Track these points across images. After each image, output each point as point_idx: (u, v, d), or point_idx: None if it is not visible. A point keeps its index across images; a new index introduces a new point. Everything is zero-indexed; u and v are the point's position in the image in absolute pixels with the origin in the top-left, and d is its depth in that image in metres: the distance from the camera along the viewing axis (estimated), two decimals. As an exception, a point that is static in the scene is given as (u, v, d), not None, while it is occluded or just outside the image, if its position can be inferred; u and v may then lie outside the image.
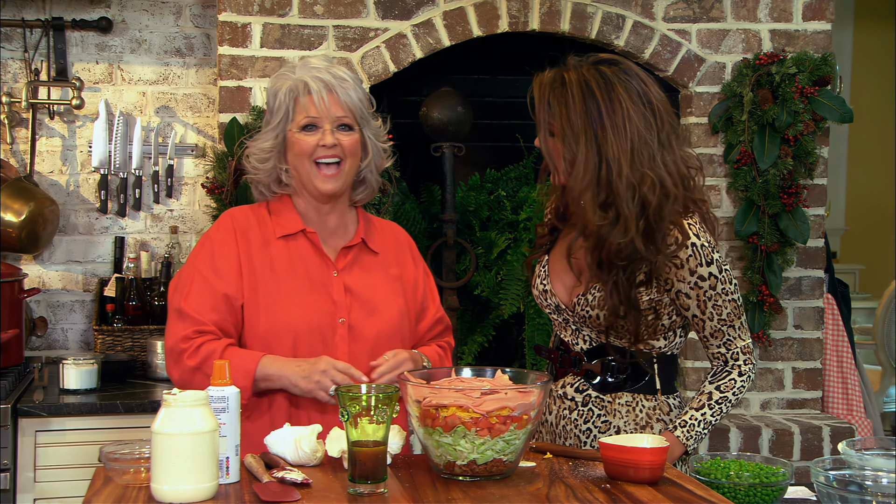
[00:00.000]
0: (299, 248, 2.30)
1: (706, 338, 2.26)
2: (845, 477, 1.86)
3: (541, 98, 2.23)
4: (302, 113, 2.27)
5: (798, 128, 3.47)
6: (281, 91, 2.28)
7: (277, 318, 2.23)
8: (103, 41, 3.71)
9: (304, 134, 2.27)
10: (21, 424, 3.03)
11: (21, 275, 3.45)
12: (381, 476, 1.79)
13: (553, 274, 2.33)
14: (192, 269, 2.27)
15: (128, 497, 1.77)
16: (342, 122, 2.27)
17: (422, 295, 2.41)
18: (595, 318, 2.24)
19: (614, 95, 2.15)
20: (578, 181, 2.16)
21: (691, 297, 2.21)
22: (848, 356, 3.80)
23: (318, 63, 2.31)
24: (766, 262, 3.53)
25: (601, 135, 2.14)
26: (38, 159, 3.67)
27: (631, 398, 2.27)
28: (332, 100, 2.26)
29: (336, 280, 2.29)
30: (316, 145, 2.25)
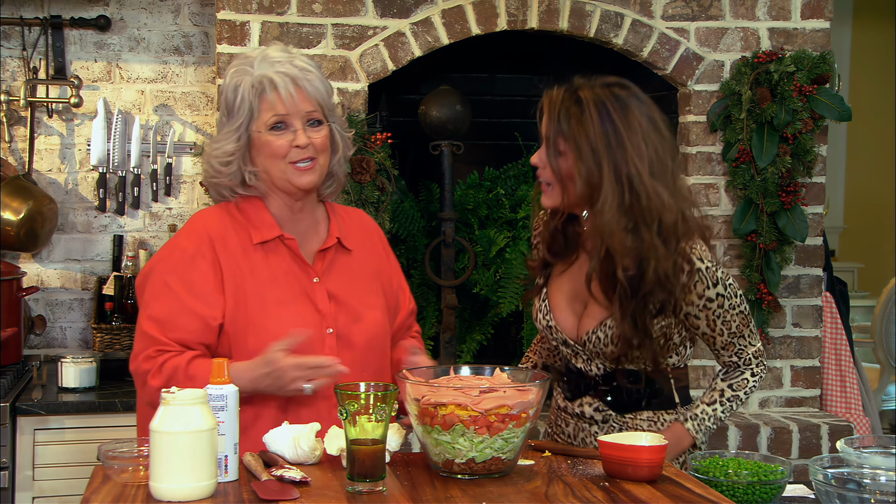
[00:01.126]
0: (277, 254, 2.18)
1: (718, 350, 2.27)
2: (844, 475, 1.87)
3: (551, 115, 2.14)
4: (269, 111, 2.13)
5: (797, 126, 3.47)
6: (242, 87, 2.13)
7: (267, 334, 2.10)
8: (102, 39, 3.71)
9: (274, 134, 2.13)
10: (20, 423, 3.03)
11: (19, 273, 3.45)
12: (379, 474, 1.79)
13: (555, 309, 2.28)
14: (160, 284, 2.11)
15: (126, 495, 1.77)
16: (311, 118, 2.15)
17: (396, 287, 2.35)
18: (611, 353, 2.21)
19: (631, 117, 2.12)
20: (607, 206, 2.09)
21: (700, 318, 2.21)
22: (846, 354, 3.80)
23: (278, 55, 2.15)
24: (764, 261, 3.53)
25: (620, 157, 2.09)
26: (37, 157, 3.67)
27: (652, 414, 2.29)
28: (299, 94, 2.13)
29: (318, 287, 2.18)
30: (289, 146, 2.14)
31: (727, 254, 3.59)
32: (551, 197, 2.19)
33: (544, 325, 2.30)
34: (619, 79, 2.18)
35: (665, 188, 2.11)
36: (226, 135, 2.17)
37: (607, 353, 2.21)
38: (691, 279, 2.15)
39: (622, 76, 3.64)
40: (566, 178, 2.14)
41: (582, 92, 2.13)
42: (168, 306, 2.09)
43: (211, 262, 2.12)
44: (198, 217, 2.22)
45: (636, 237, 2.09)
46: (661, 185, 2.10)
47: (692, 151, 3.58)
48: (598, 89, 2.14)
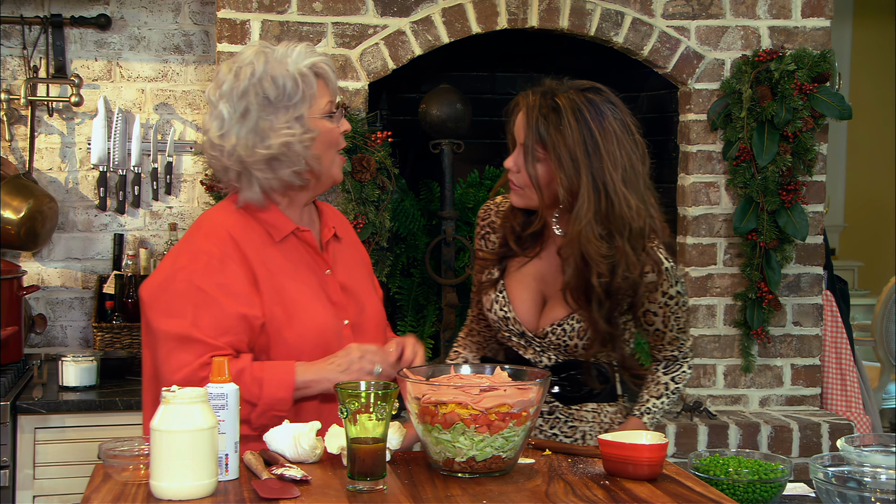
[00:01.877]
0: (293, 248, 2.17)
1: (663, 345, 2.36)
2: (844, 473, 1.87)
3: (529, 122, 2.16)
4: (324, 97, 2.12)
5: (797, 124, 3.47)
6: (297, 74, 2.07)
7: (304, 328, 2.11)
8: (102, 38, 3.71)
9: (330, 121, 2.13)
10: (20, 421, 3.03)
11: (20, 272, 3.45)
12: (380, 473, 1.79)
13: (515, 301, 2.30)
14: (193, 290, 2.04)
15: (127, 494, 1.77)
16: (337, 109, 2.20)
17: (372, 273, 2.40)
18: (573, 346, 2.26)
19: (606, 124, 2.15)
20: (583, 214, 2.12)
21: (658, 315, 2.30)
22: (847, 353, 3.80)
23: (300, 47, 2.12)
24: (764, 259, 3.53)
25: (597, 165, 2.12)
26: (37, 156, 3.67)
27: (596, 406, 2.35)
28: (335, 84, 2.17)
29: (330, 278, 2.20)
30: (339, 134, 2.16)
31: (727, 252, 3.59)
32: (524, 198, 2.22)
33: (500, 316, 2.30)
34: (591, 83, 2.21)
35: (635, 194, 2.16)
36: (286, 123, 2.07)
37: (569, 347, 2.26)
38: (660, 278, 2.23)
39: (622, 74, 3.65)
40: (543, 183, 2.16)
41: (559, 98, 2.15)
42: (212, 311, 2.04)
43: (240, 262, 2.09)
44: (212, 219, 2.15)
45: (610, 244, 2.14)
46: (631, 191, 2.15)
47: (692, 150, 3.58)
48: (573, 95, 2.16)
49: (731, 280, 3.60)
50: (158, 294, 2.08)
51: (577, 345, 2.25)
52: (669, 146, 3.72)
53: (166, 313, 2.05)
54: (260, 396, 2.03)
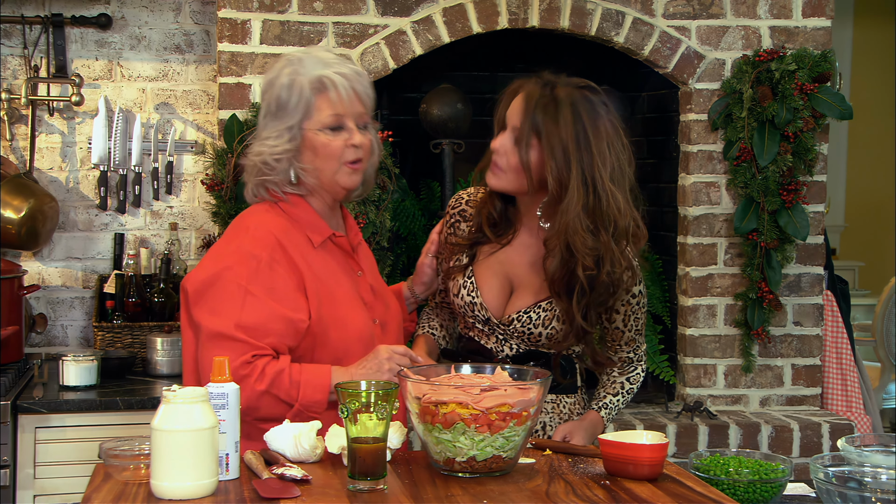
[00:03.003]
0: (330, 252, 2.23)
1: (619, 345, 2.38)
2: (845, 473, 1.87)
3: (527, 109, 2.20)
4: (327, 110, 2.16)
5: (798, 124, 3.47)
6: (297, 85, 2.15)
7: (346, 330, 2.17)
8: (103, 38, 3.71)
9: (331, 134, 2.17)
10: (21, 421, 3.03)
11: (21, 271, 3.45)
12: (380, 473, 1.79)
13: (482, 286, 2.32)
14: (241, 291, 2.09)
15: (127, 493, 1.77)
16: (362, 121, 2.20)
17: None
18: (538, 335, 2.28)
19: (599, 123, 2.20)
20: (572, 206, 2.16)
21: (620, 313, 2.33)
22: (847, 353, 3.80)
23: (330, 56, 2.20)
24: (765, 259, 3.53)
25: (587, 160, 2.17)
26: (38, 156, 3.67)
27: (555, 397, 2.37)
28: (355, 95, 2.17)
29: (362, 280, 2.28)
30: (344, 146, 2.17)
31: (728, 252, 3.59)
32: (502, 181, 2.25)
33: (467, 301, 2.32)
34: (588, 81, 2.26)
35: (622, 194, 2.21)
36: (278, 132, 2.17)
37: (532, 335, 2.28)
38: (635, 277, 2.28)
39: (623, 74, 3.65)
40: (531, 169, 2.20)
41: (558, 91, 2.20)
42: (257, 313, 2.09)
43: (286, 266, 2.14)
44: (258, 221, 2.19)
45: (595, 238, 2.18)
46: (619, 190, 2.20)
47: (693, 150, 3.58)
48: (572, 90, 2.21)
49: (731, 280, 3.60)
50: (204, 290, 2.13)
51: (541, 333, 2.28)
52: (670, 146, 3.72)
53: (212, 311, 2.10)
54: (297, 398, 2.09)
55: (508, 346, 2.32)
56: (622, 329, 2.35)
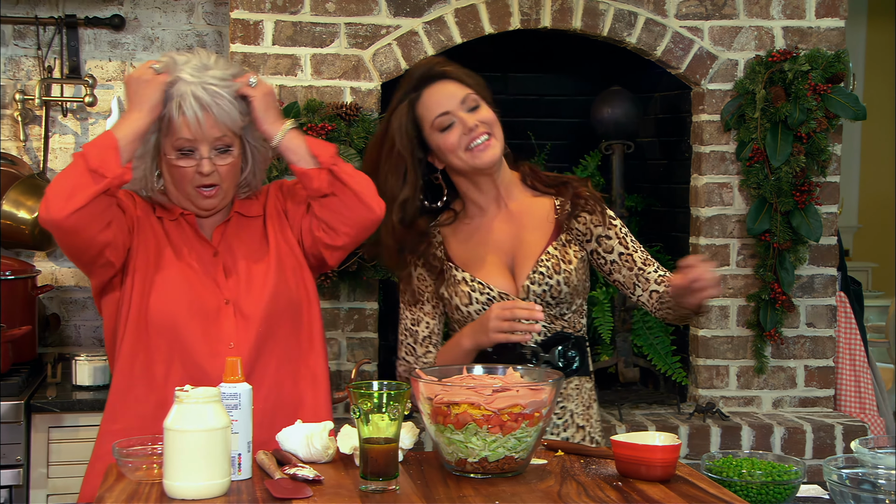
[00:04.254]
0: (181, 228, 2.28)
1: (641, 268, 2.34)
2: (858, 475, 1.86)
3: (466, 83, 2.37)
4: (177, 133, 2.13)
5: (811, 125, 3.46)
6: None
7: (168, 297, 2.23)
8: (116, 39, 3.72)
9: (181, 158, 2.15)
10: (34, 420, 3.04)
11: (34, 271, 3.47)
12: (392, 473, 1.80)
13: (487, 279, 2.32)
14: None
15: (140, 493, 1.78)
16: (220, 144, 2.16)
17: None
18: (557, 287, 2.30)
19: None
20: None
21: (612, 238, 2.36)
22: (861, 354, 3.79)
23: (191, 75, 2.12)
24: (778, 260, 3.51)
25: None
26: (51, 156, 3.69)
27: (578, 382, 2.37)
28: (208, 120, 2.12)
29: (216, 260, 2.31)
30: (194, 173, 2.16)
31: (741, 253, 3.58)
32: (496, 150, 2.33)
33: (483, 301, 2.31)
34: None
35: None
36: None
37: (553, 289, 2.29)
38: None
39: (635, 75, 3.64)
40: (495, 124, 2.35)
41: (445, 63, 2.42)
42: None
43: (132, 200, 2.29)
44: None
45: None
46: None
47: (705, 151, 3.57)
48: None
49: (744, 281, 3.59)
50: None
51: (558, 282, 2.29)
52: (682, 147, 3.71)
53: None
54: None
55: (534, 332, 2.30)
56: (628, 251, 2.35)
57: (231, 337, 2.18)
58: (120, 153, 2.08)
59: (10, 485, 3.00)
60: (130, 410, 2.17)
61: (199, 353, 2.16)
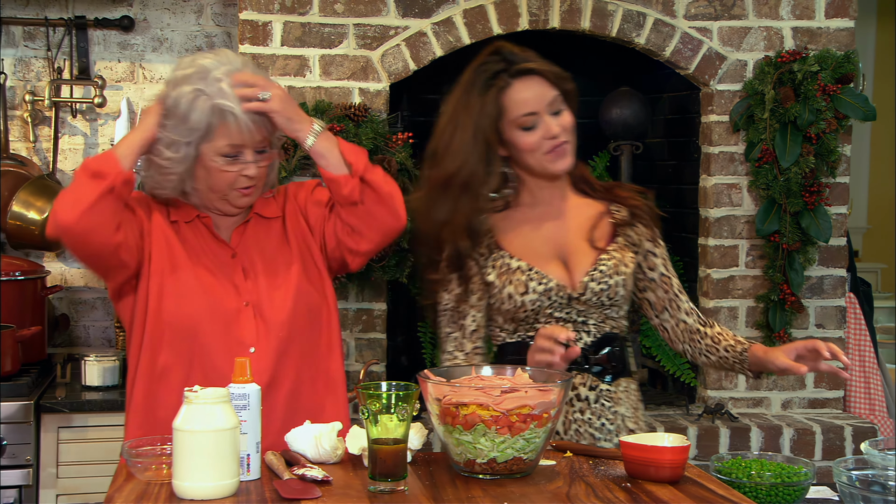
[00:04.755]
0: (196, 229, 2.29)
1: (677, 294, 2.38)
2: (868, 477, 1.86)
3: (554, 83, 2.34)
4: (224, 139, 2.13)
5: (820, 126, 3.45)
6: (200, 104, 2.12)
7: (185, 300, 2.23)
8: (125, 40, 3.73)
9: (226, 162, 2.15)
10: (43, 421, 3.05)
11: (43, 272, 3.48)
12: (401, 474, 1.80)
13: (546, 269, 2.29)
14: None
15: (150, 493, 1.78)
16: (261, 147, 2.18)
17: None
18: (614, 288, 2.29)
19: None
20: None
21: (657, 256, 2.37)
22: (870, 355, 3.78)
23: (229, 83, 2.13)
24: (787, 261, 3.51)
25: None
26: (61, 157, 3.70)
27: (626, 384, 2.36)
28: (257, 128, 2.14)
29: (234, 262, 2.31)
30: (238, 176, 2.16)
31: (749, 254, 3.57)
32: (571, 157, 2.33)
33: (541, 291, 2.26)
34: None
35: None
36: (174, 142, 2.15)
37: (610, 289, 2.28)
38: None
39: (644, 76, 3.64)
40: (574, 130, 2.34)
41: (537, 60, 2.37)
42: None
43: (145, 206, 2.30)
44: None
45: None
46: None
47: (714, 151, 3.56)
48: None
49: (753, 282, 3.58)
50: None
51: (616, 283, 2.28)
52: (691, 147, 3.71)
53: None
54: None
55: (586, 331, 2.28)
56: (668, 273, 2.37)
57: (252, 341, 2.18)
58: (119, 159, 2.11)
59: (19, 485, 3.01)
60: (151, 416, 2.17)
61: (219, 357, 2.15)
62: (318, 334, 2.25)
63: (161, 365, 2.17)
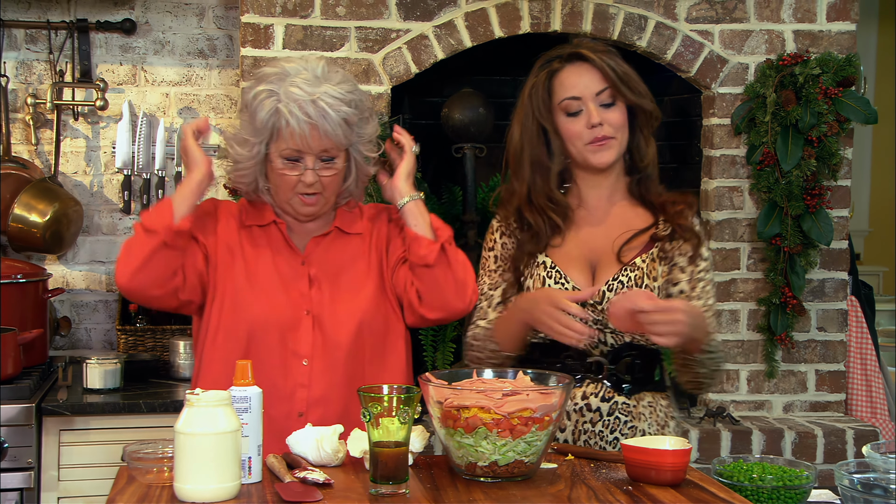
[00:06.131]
0: (268, 234, 2.34)
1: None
2: (870, 480, 1.85)
3: (605, 76, 2.27)
4: (284, 142, 2.17)
5: (822, 129, 3.45)
6: (268, 106, 2.16)
7: (247, 305, 2.27)
8: (127, 43, 3.74)
9: (287, 166, 2.19)
10: (45, 423, 3.05)
11: (45, 275, 3.48)
12: (402, 477, 1.80)
13: (569, 272, 2.27)
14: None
15: (151, 496, 1.78)
16: (325, 155, 2.20)
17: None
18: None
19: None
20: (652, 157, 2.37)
21: (685, 273, 2.29)
22: (872, 358, 3.77)
23: (301, 90, 2.15)
24: (788, 264, 3.51)
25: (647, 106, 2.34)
26: (63, 160, 3.70)
27: (652, 398, 2.29)
28: (314, 135, 2.16)
29: (301, 269, 2.34)
30: (297, 181, 2.20)
31: (751, 257, 3.57)
32: (614, 151, 2.29)
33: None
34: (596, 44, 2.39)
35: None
36: (244, 139, 2.23)
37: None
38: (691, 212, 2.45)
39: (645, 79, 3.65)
40: (620, 128, 2.29)
41: (608, 53, 2.31)
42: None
43: (211, 217, 2.37)
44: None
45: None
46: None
47: (716, 154, 3.56)
48: (611, 49, 2.35)
49: (754, 285, 3.58)
50: None
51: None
52: (693, 150, 3.71)
53: None
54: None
55: (602, 340, 2.24)
56: (691, 295, 2.26)
57: (307, 353, 2.20)
58: (174, 209, 2.17)
59: (21, 487, 3.00)
60: None
61: (272, 366, 2.18)
62: (380, 356, 2.25)
63: (218, 368, 2.20)
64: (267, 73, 2.23)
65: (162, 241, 2.14)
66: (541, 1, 3.45)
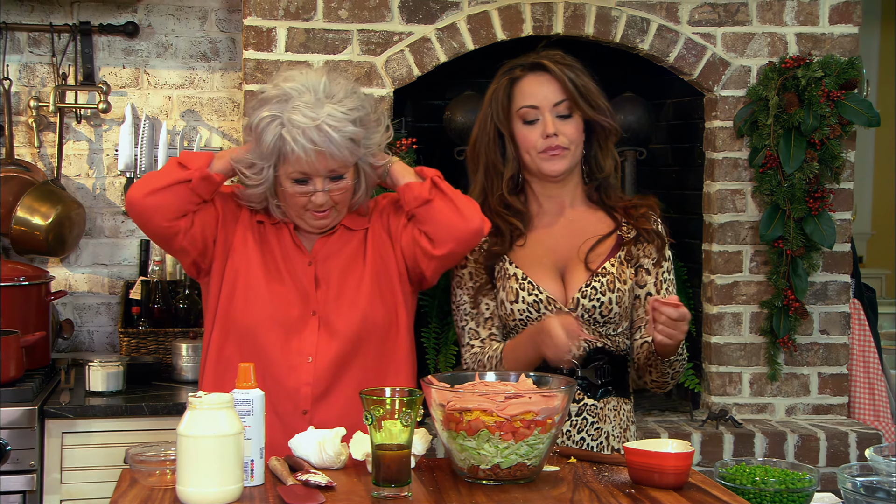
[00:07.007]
0: (279, 232, 2.37)
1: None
2: (873, 483, 1.85)
3: (563, 87, 2.31)
4: (292, 165, 2.18)
5: (824, 132, 3.45)
6: (273, 129, 2.16)
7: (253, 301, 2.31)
8: (130, 46, 3.74)
9: (296, 187, 2.21)
10: (47, 426, 3.05)
11: (48, 277, 3.48)
12: (404, 479, 1.80)
13: (539, 281, 2.31)
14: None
15: (153, 499, 1.78)
16: (335, 174, 2.21)
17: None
18: (608, 305, 2.27)
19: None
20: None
21: (651, 275, 2.35)
22: (875, 362, 3.77)
23: (303, 111, 2.14)
24: (791, 267, 3.50)
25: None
26: (65, 163, 3.70)
27: (616, 402, 2.35)
28: (321, 159, 2.16)
29: (308, 269, 2.36)
30: (308, 200, 2.22)
31: (753, 260, 3.57)
32: (567, 160, 2.33)
33: (530, 302, 2.29)
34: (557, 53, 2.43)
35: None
36: (253, 164, 2.23)
37: (604, 306, 2.27)
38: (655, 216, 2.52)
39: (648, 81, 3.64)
40: (577, 139, 2.33)
41: (566, 62, 2.35)
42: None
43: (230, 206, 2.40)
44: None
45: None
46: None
47: (718, 157, 3.56)
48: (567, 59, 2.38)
49: (757, 288, 3.58)
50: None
51: (610, 300, 2.27)
52: (695, 153, 3.71)
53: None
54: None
55: (576, 345, 2.24)
56: (656, 295, 2.30)
57: (311, 351, 2.21)
58: (213, 161, 2.22)
59: (23, 490, 3.00)
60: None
61: (277, 365, 2.20)
62: (384, 350, 2.27)
63: (227, 356, 2.24)
64: (269, 96, 2.21)
65: (187, 178, 2.18)
66: (543, 4, 3.45)
